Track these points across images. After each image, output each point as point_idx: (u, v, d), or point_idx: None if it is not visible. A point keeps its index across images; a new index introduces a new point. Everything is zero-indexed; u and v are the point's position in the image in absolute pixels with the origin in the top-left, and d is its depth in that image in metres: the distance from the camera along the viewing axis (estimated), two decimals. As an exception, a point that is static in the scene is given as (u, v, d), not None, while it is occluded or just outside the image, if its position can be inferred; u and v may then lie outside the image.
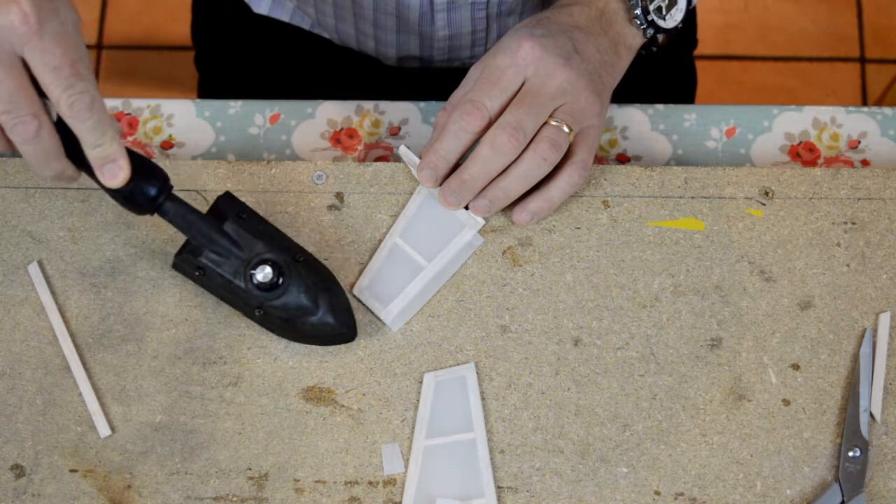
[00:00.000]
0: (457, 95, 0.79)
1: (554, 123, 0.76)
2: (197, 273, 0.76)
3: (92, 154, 0.68)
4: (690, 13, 0.84)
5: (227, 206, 0.77)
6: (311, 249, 0.80)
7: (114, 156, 0.68)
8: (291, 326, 0.76)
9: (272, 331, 0.77)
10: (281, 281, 0.75)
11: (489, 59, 0.78)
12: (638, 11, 0.81)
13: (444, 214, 0.81)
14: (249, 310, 0.76)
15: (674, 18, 0.82)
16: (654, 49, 0.83)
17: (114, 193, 0.72)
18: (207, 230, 0.74)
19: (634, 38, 0.82)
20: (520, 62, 0.76)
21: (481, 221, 0.80)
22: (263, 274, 0.74)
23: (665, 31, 0.82)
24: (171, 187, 0.73)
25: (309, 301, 0.75)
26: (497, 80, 0.76)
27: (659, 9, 0.81)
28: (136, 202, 0.72)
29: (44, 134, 0.66)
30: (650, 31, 0.81)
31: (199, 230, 0.74)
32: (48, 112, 0.67)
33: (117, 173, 0.69)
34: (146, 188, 0.72)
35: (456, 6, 0.92)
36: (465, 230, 0.80)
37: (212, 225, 0.75)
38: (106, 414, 0.77)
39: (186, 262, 0.76)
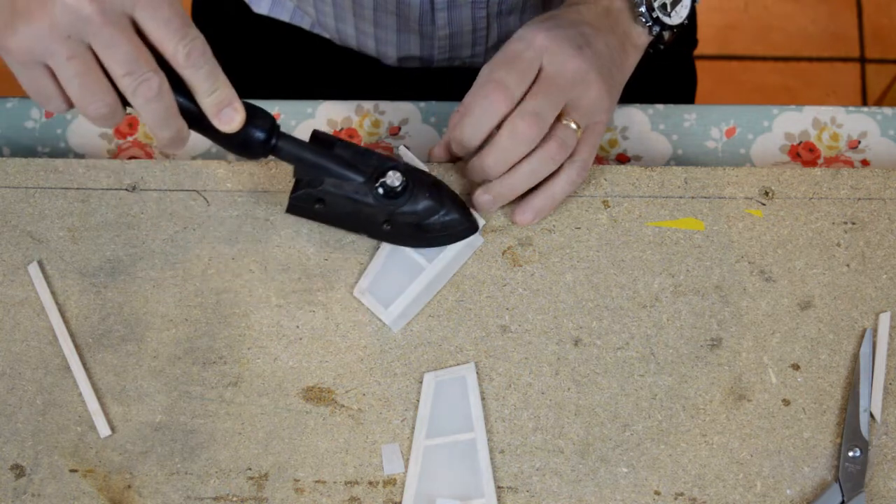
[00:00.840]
0: (479, 83, 0.78)
1: (564, 122, 0.76)
2: (317, 206, 0.77)
3: (208, 101, 0.68)
4: (691, 13, 0.84)
5: (324, 137, 0.77)
6: (311, 250, 0.81)
7: (228, 99, 0.69)
8: (422, 230, 0.77)
9: (400, 242, 0.79)
10: (407, 185, 0.76)
11: (505, 50, 0.78)
12: (643, 9, 0.81)
13: None
14: (377, 226, 0.77)
15: (679, 15, 0.82)
16: (661, 47, 0.83)
17: (229, 141, 0.72)
18: (324, 159, 0.75)
19: (640, 37, 0.82)
20: (536, 49, 0.76)
21: (481, 221, 0.80)
22: (393, 179, 0.75)
23: (671, 27, 0.82)
24: (279, 126, 0.74)
25: (433, 200, 0.76)
26: (514, 63, 0.76)
27: (664, 6, 0.81)
28: (251, 146, 0.73)
29: (165, 90, 0.67)
30: (656, 29, 0.81)
31: (317, 161, 0.75)
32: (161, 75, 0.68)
33: (234, 116, 0.69)
34: (257, 132, 0.72)
35: (457, 5, 0.92)
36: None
37: (326, 153, 0.75)
38: (106, 414, 0.77)
39: (305, 198, 0.77)
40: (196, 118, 0.70)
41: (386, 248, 0.80)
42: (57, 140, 0.88)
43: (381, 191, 0.76)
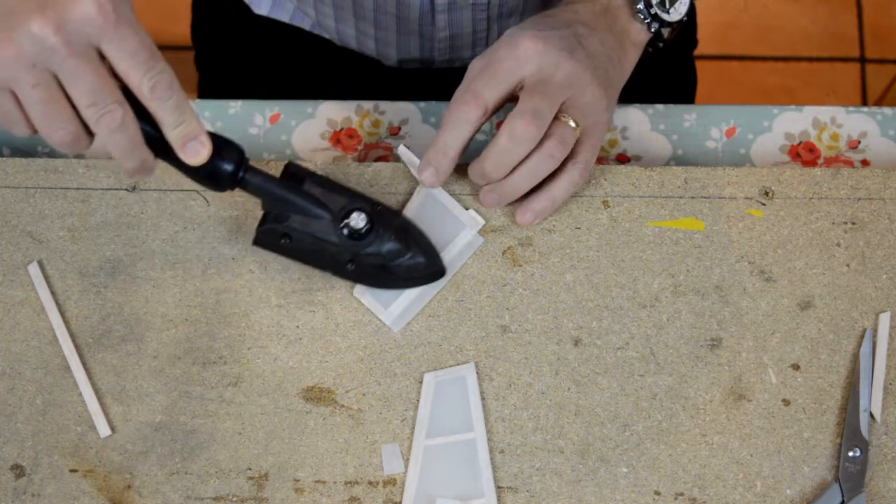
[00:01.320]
0: (458, 90, 0.79)
1: (563, 119, 0.76)
2: (283, 241, 0.76)
3: (174, 134, 0.68)
4: (690, 11, 0.84)
5: (296, 171, 0.77)
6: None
7: (195, 133, 0.68)
8: (386, 272, 0.77)
9: (364, 282, 0.79)
10: (372, 227, 0.75)
11: (490, 53, 0.78)
12: (641, 6, 0.80)
13: (444, 214, 0.81)
14: (341, 265, 0.77)
15: (678, 11, 0.81)
16: (661, 44, 0.83)
17: (195, 173, 0.72)
18: (292, 194, 0.75)
19: (640, 34, 0.82)
20: (520, 55, 0.76)
21: (481, 221, 0.81)
22: (357, 221, 0.75)
23: (670, 24, 0.82)
24: (248, 159, 0.74)
25: (399, 243, 0.76)
26: (494, 71, 0.76)
27: (662, 2, 0.81)
28: (218, 179, 0.72)
29: (129, 121, 0.66)
30: (654, 25, 0.81)
31: (284, 196, 0.75)
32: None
33: (199, 150, 0.69)
34: (225, 164, 0.72)
35: (457, 7, 0.92)
36: (465, 230, 0.80)
37: (294, 189, 0.75)
38: (106, 414, 0.77)
39: (270, 233, 0.76)
40: (163, 148, 0.69)
41: None
42: (57, 140, 0.88)
43: (345, 231, 0.75)
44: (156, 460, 0.76)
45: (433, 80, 1.01)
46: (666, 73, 1.06)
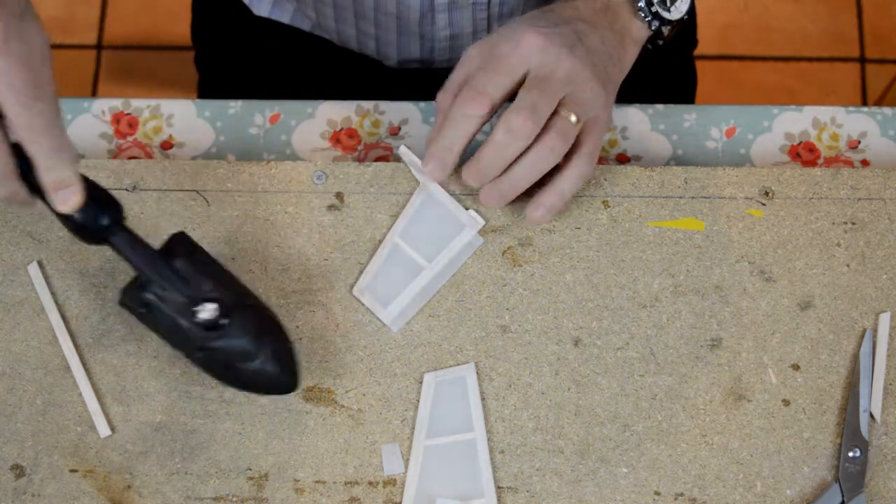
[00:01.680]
0: (456, 76, 0.78)
1: (562, 113, 0.76)
2: (142, 310, 0.73)
3: (45, 178, 0.66)
4: (691, 10, 0.84)
5: (181, 244, 0.74)
6: (311, 250, 0.81)
7: (68, 181, 0.67)
8: (231, 371, 0.73)
9: (212, 375, 0.74)
10: (225, 322, 0.71)
11: (491, 47, 0.77)
12: (642, 4, 0.80)
13: (444, 214, 0.81)
14: (191, 351, 0.73)
15: (678, 10, 0.81)
16: (661, 42, 0.83)
17: (65, 221, 0.70)
18: (157, 264, 0.72)
19: (640, 31, 0.81)
20: (523, 51, 0.76)
21: (481, 221, 0.81)
22: (207, 311, 0.71)
23: (670, 22, 0.82)
24: (125, 218, 0.72)
25: (251, 345, 0.72)
26: (499, 67, 0.76)
27: (663, 0, 0.80)
28: (88, 230, 0.70)
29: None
30: (655, 23, 0.81)
31: (149, 263, 0.72)
32: (5, 133, 0.66)
33: (70, 198, 0.67)
34: (99, 216, 0.70)
35: (457, 6, 0.92)
36: (465, 230, 0.80)
37: (162, 259, 0.72)
38: (106, 414, 0.77)
39: (133, 297, 0.73)
40: (37, 188, 0.68)
41: (386, 247, 0.80)
42: (57, 140, 0.88)
43: (196, 318, 0.71)
44: (156, 460, 0.76)
45: (433, 80, 1.00)
46: (666, 73, 1.06)
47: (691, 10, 0.83)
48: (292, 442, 0.76)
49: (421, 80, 1.02)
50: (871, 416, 0.76)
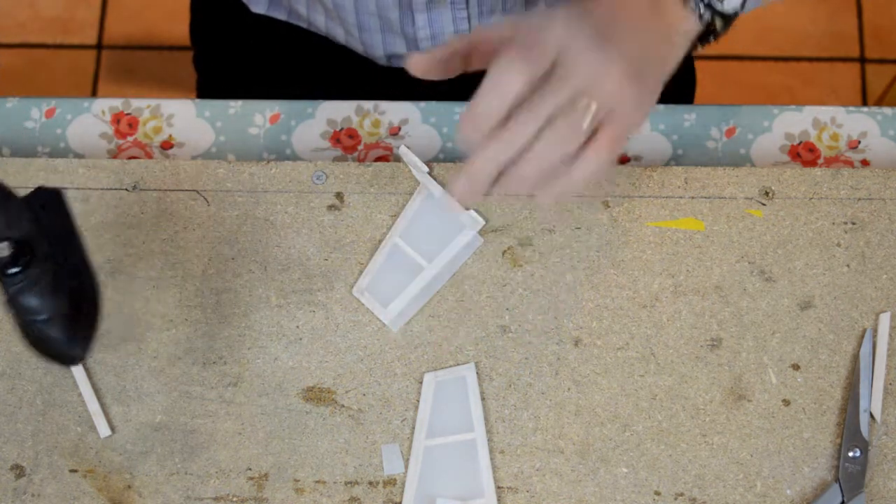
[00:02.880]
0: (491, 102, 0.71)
1: (578, 105, 0.71)
2: None
3: None
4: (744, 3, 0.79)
5: (48, 198, 0.68)
6: (310, 250, 0.81)
7: None
8: (23, 327, 0.67)
9: (19, 332, 0.68)
10: (23, 269, 0.65)
11: (525, 32, 0.72)
12: None
13: (444, 215, 0.81)
14: (6, 301, 0.66)
15: (731, 3, 0.76)
16: (712, 39, 0.78)
17: None
18: None
19: (689, 24, 0.76)
20: (555, 39, 0.71)
21: (481, 221, 0.81)
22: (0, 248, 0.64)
23: (723, 15, 0.77)
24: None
25: (42, 300, 0.65)
26: (531, 53, 0.70)
27: None
28: None
29: None
30: (707, 14, 0.76)
31: None
32: None
33: None
34: None
35: (435, 6, 0.92)
36: (464, 231, 0.80)
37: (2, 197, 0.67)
38: (106, 414, 0.77)
39: None
40: None
41: (386, 247, 0.80)
42: (57, 140, 0.88)
43: None
44: (156, 460, 0.76)
45: (433, 80, 1.00)
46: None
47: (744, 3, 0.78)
48: (292, 442, 0.76)
49: (415, 78, 1.01)
50: (871, 416, 0.76)
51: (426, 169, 0.81)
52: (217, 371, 0.78)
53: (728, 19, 0.78)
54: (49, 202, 0.69)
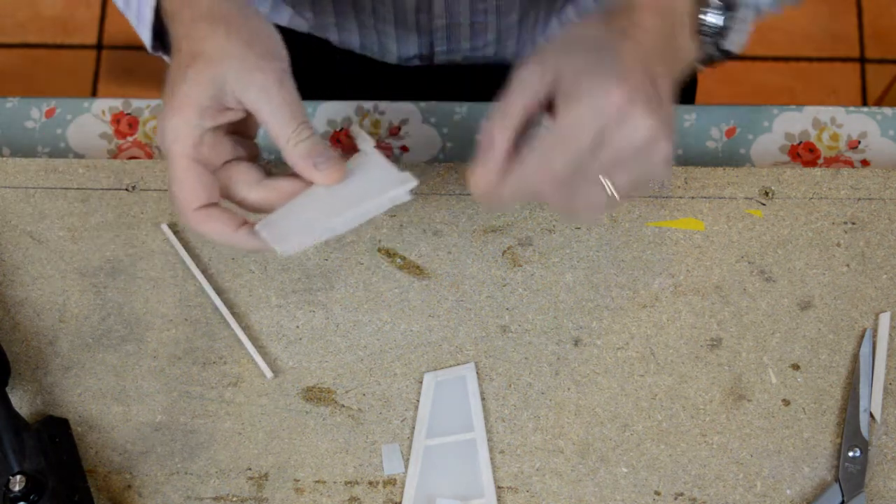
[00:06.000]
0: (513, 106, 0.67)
1: (604, 185, 0.66)
2: None
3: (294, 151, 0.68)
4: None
5: (56, 429, 0.74)
6: (311, 250, 0.80)
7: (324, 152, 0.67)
8: None
9: None
10: (34, 498, 0.70)
11: (567, 108, 0.65)
12: (707, 23, 0.71)
13: (377, 172, 0.71)
14: None
15: (733, 42, 0.73)
16: (702, 67, 0.75)
17: None
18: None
19: (691, 53, 0.72)
20: (605, 117, 0.65)
21: (414, 181, 0.70)
22: (14, 483, 0.70)
23: (727, 53, 0.74)
24: (6, 383, 0.75)
25: None
26: (569, 141, 0.65)
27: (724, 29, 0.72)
28: None
29: None
30: (711, 49, 0.73)
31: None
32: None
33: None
34: None
35: None
36: (395, 187, 0.70)
37: (10, 426, 0.72)
38: (106, 414, 0.77)
39: None
40: None
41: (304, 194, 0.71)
42: (57, 140, 0.88)
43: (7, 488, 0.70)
44: (156, 460, 0.76)
45: (433, 80, 1.00)
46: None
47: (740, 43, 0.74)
48: (292, 442, 0.76)
49: (421, 79, 1.02)
50: (871, 416, 0.76)
51: (373, 143, 0.72)
52: (217, 371, 0.78)
53: (724, 57, 0.75)
54: (57, 433, 0.74)
